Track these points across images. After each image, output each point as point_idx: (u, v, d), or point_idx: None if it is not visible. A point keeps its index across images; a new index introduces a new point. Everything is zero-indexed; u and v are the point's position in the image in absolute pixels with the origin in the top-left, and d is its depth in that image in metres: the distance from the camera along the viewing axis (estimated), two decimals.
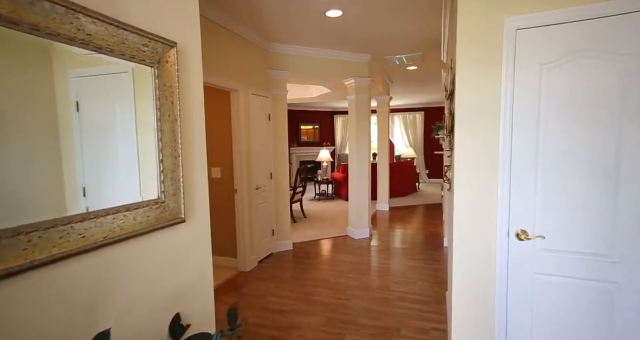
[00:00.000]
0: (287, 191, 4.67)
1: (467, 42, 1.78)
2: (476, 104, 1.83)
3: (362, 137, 5.07)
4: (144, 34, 1.14)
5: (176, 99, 1.32)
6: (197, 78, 1.53)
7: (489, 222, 1.84)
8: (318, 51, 4.57)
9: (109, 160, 1.12)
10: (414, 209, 7.27)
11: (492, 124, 1.80)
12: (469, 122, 1.87)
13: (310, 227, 5.76)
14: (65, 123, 0.97)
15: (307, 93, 7.22)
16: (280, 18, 3.43)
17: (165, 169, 1.28)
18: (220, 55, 3.43)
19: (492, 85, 1.77)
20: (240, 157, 3.81)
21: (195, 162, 1.51)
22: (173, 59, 1.29)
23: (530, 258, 1.71)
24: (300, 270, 3.92)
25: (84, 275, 1.01)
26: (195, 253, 1.50)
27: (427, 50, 4.75)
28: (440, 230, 5.53)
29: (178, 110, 1.33)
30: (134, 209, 1.14)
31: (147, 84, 1.22)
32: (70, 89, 1.02)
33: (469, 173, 1.88)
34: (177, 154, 1.33)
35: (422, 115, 11.40)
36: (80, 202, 1.00)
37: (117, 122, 1.16)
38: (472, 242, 1.88)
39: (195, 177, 1.51)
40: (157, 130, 1.25)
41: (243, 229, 3.88)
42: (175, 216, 1.33)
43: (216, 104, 3.93)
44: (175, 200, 1.33)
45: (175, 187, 1.32)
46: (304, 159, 11.57)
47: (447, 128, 2.25)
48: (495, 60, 1.74)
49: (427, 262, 4.08)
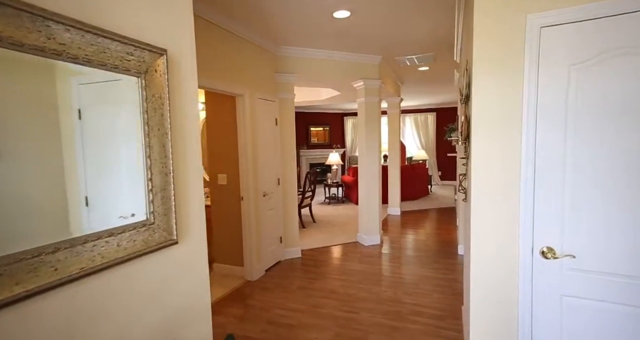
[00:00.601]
0: (295, 197, 4.55)
1: (485, 42, 1.63)
2: (495, 109, 1.68)
3: (372, 141, 4.92)
4: (128, 41, 1.04)
5: (166, 111, 1.21)
6: (191, 87, 1.42)
7: (511, 237, 1.68)
8: (326, 53, 4.45)
9: (101, 176, 1.02)
10: (426, 213, 7.07)
11: (513, 130, 1.65)
12: (487, 129, 1.72)
13: (320, 233, 5.63)
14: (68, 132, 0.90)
15: (316, 96, 7.11)
16: (286, 20, 3.33)
17: (155, 188, 1.18)
18: (225, 60, 3.34)
19: (513, 89, 1.62)
20: (246, 164, 3.71)
21: (189, 177, 1.40)
22: (162, 67, 1.18)
23: (558, 278, 1.55)
24: (308, 279, 3.80)
25: (53, 314, 0.90)
26: (190, 276, 1.40)
27: (439, 50, 4.58)
28: (455, 236, 5.33)
29: (169, 123, 1.22)
30: (118, 233, 1.04)
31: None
32: (72, 96, 0.96)
33: (487, 184, 1.73)
34: (167, 170, 1.23)
35: (434, 116, 11.17)
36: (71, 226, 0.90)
37: (109, 134, 1.06)
38: (491, 258, 1.73)
39: (189, 194, 1.40)
40: (145, 146, 1.14)
41: (249, 237, 3.78)
42: (167, 238, 1.22)
43: (222, 110, 3.84)
44: (166, 221, 1.22)
45: (166, 206, 1.22)
46: (314, 161, 11.46)
47: (463, 134, 2.10)
48: (516, 61, 1.59)
49: (442, 272, 3.90)
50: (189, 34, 1.38)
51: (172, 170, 1.24)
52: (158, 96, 1.18)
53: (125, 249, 1.05)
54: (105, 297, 1.03)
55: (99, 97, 1.04)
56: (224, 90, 3.35)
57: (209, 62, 3.12)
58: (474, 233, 1.78)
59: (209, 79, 3.10)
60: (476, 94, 1.72)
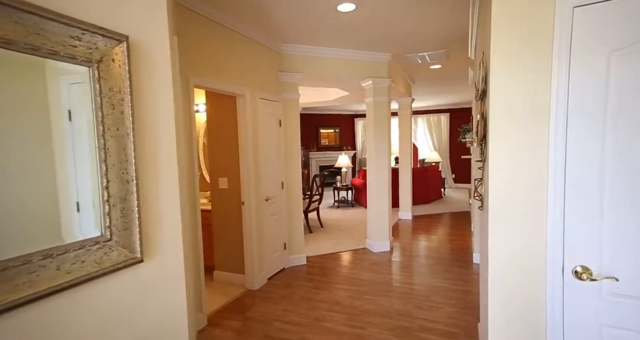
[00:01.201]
0: (300, 202, 4.36)
1: (505, 27, 1.41)
2: (517, 106, 1.46)
3: (381, 142, 4.69)
4: (71, 22, 0.87)
5: (128, 107, 1.04)
6: (164, 82, 1.25)
7: (536, 254, 1.45)
8: (332, 51, 4.26)
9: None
10: (439, 218, 6.78)
11: (538, 130, 1.42)
12: (507, 128, 1.49)
13: (327, 239, 5.42)
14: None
15: (324, 96, 6.92)
16: (288, 15, 3.15)
17: (113, 198, 1.00)
18: (224, 58, 3.18)
19: (538, 80, 1.39)
20: (248, 167, 3.54)
21: (161, 185, 1.22)
22: (122, 57, 1.01)
23: (596, 304, 1.31)
24: (313, 289, 3.59)
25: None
26: (161, 299, 1.21)
27: (452, 47, 4.33)
28: (470, 243, 5.05)
29: (131, 121, 1.05)
30: (58, 254, 0.86)
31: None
32: (62, 96, 0.90)
33: (507, 191, 1.51)
34: (129, 177, 1.05)
35: (447, 117, 10.85)
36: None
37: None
38: (513, 277, 1.50)
39: (161, 204, 1.22)
40: (99, 149, 0.97)
41: (251, 244, 3.60)
42: (128, 257, 1.04)
43: (223, 111, 3.69)
44: (127, 237, 1.04)
45: (127, 219, 1.04)
46: (324, 164, 11.26)
47: (478, 135, 1.88)
48: (542, 48, 1.36)
49: (455, 283, 3.65)
50: (161, 20, 1.21)
51: (135, 177, 1.06)
52: (117, 90, 1.01)
53: (68, 273, 0.87)
54: (40, 334, 0.85)
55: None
56: (223, 90, 3.19)
57: (206, 61, 2.97)
58: (492, 248, 1.55)
59: (206, 78, 2.95)
60: (494, 88, 1.50)
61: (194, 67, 2.81)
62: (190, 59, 2.78)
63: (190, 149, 2.79)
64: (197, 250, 2.84)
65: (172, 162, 1.28)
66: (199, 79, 2.86)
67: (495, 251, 1.54)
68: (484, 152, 1.84)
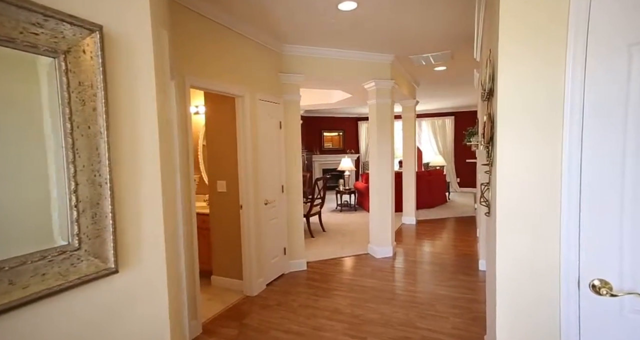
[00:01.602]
0: (301, 206, 4.26)
1: (516, 18, 1.31)
2: (527, 103, 1.35)
3: (383, 145, 4.59)
4: (31, 7, 0.78)
5: (101, 104, 0.95)
6: (147, 77, 1.16)
7: (549, 265, 1.33)
8: (333, 52, 4.17)
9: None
10: (444, 223, 6.64)
11: (551, 130, 1.32)
12: (516, 129, 1.39)
13: (328, 243, 5.31)
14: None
15: (327, 99, 6.84)
16: (288, 14, 3.07)
17: (83, 202, 0.91)
18: (223, 59, 3.11)
19: (551, 76, 1.29)
20: (246, 170, 3.45)
21: (141, 188, 1.13)
22: (94, 48, 0.92)
23: (617, 322, 1.19)
24: (313, 296, 3.48)
25: None
26: (139, 313, 1.12)
27: (457, 47, 4.23)
28: (475, 249, 4.91)
29: (105, 119, 0.96)
30: (13, 266, 0.77)
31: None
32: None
33: (517, 197, 1.40)
34: (103, 180, 0.96)
35: (452, 121, 10.72)
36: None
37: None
38: (523, 290, 1.38)
39: (141, 209, 1.13)
40: (65, 149, 0.88)
41: (249, 249, 3.50)
42: (99, 267, 0.95)
43: (221, 112, 3.61)
44: (99, 245, 0.95)
45: (99, 226, 0.95)
46: (327, 167, 11.18)
47: (485, 137, 1.77)
48: (556, 41, 1.25)
49: (460, 291, 3.51)
50: (141, 11, 1.12)
51: (109, 179, 0.97)
52: (88, 85, 0.92)
53: (24, 287, 0.78)
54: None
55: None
56: (222, 91, 3.11)
57: (204, 61, 2.89)
58: (500, 258, 1.43)
59: (204, 79, 2.87)
60: (503, 85, 1.40)
61: (190, 67, 2.73)
62: (187, 58, 2.71)
63: (186, 151, 2.70)
64: (192, 255, 2.75)
65: (154, 164, 1.19)
66: (196, 79, 2.78)
67: (503, 261, 1.43)
68: (491, 155, 1.73)
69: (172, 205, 1.59)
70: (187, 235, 2.65)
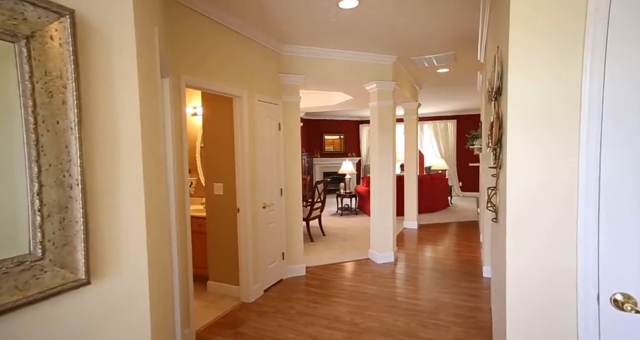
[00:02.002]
0: (300, 210, 4.16)
1: (527, 8, 1.21)
2: (540, 101, 1.25)
3: (385, 148, 4.49)
4: None
5: (72, 96, 0.85)
6: (128, 70, 1.07)
7: (565, 277, 1.23)
8: (334, 52, 4.09)
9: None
10: (446, 228, 6.52)
11: (566, 129, 1.22)
12: (528, 130, 1.29)
13: (328, 248, 5.20)
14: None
15: (328, 101, 6.75)
16: (288, 12, 2.99)
17: (48, 206, 0.82)
18: (221, 58, 3.02)
19: (566, 72, 1.19)
20: (243, 172, 3.36)
21: (120, 190, 1.04)
22: (64, 35, 0.83)
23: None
24: (311, 303, 3.37)
25: None
26: (115, 328, 1.02)
27: (460, 49, 4.15)
28: (478, 255, 4.79)
29: (76, 114, 0.86)
30: None
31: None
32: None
33: (528, 202, 1.30)
34: (73, 181, 0.86)
35: (454, 124, 10.62)
36: None
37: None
38: (535, 305, 1.28)
39: (120, 213, 1.03)
40: (28, 146, 0.78)
41: (246, 254, 3.40)
42: (67, 279, 0.85)
43: (219, 113, 3.53)
44: (67, 254, 0.85)
45: (68, 232, 0.85)
46: (328, 170, 11.09)
47: (493, 138, 1.67)
48: (571, 34, 1.16)
49: (464, 298, 3.40)
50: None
51: (81, 180, 0.88)
52: (57, 75, 0.83)
53: None
54: None
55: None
56: (219, 91, 3.02)
57: (201, 60, 2.81)
58: (511, 270, 1.33)
59: (201, 78, 2.78)
60: (514, 83, 1.30)
61: (186, 65, 2.65)
62: (183, 57, 2.62)
63: (180, 151, 2.61)
64: (186, 260, 2.65)
65: (136, 165, 1.09)
66: (192, 78, 2.69)
67: (514, 271, 1.32)
68: (500, 158, 1.63)
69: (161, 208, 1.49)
70: (181, 239, 2.56)
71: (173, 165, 2.41)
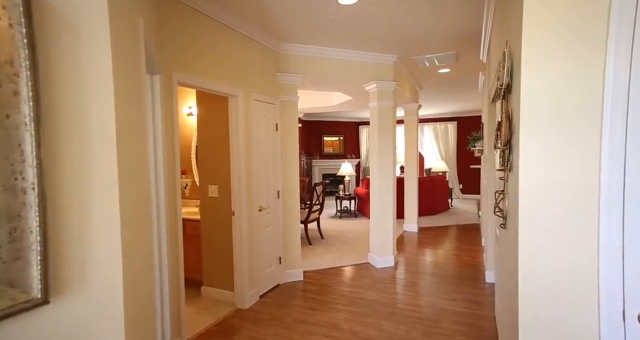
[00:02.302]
0: (298, 212, 4.04)
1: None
2: (557, 97, 1.14)
3: (385, 149, 4.38)
4: None
5: (26, 87, 0.74)
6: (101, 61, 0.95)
7: (585, 292, 1.12)
8: (334, 51, 3.98)
9: None
10: (446, 231, 6.41)
11: (586, 130, 1.11)
12: (543, 129, 1.18)
13: (327, 252, 5.08)
14: None
15: (327, 101, 6.65)
16: (286, 9, 2.88)
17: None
18: (216, 56, 2.91)
19: (587, 66, 1.08)
20: (239, 174, 3.24)
21: (89, 195, 0.92)
22: (14, 14, 0.72)
23: None
24: (309, 310, 3.25)
25: None
26: None
27: (462, 48, 4.04)
28: (480, 259, 4.67)
29: (32, 107, 0.75)
30: None
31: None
32: None
33: (543, 207, 1.19)
34: (28, 184, 0.75)
35: (454, 125, 10.52)
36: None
37: None
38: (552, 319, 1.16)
39: (89, 221, 0.92)
40: None
41: (241, 258, 3.28)
42: (17, 300, 0.74)
43: (214, 113, 3.41)
44: (18, 270, 0.74)
45: (19, 245, 0.74)
46: (328, 172, 10.98)
47: (502, 139, 1.56)
48: (594, 22, 1.05)
49: (466, 304, 3.28)
50: None
51: (37, 183, 0.76)
52: (6, 61, 0.71)
53: None
54: None
55: None
56: (213, 90, 2.91)
57: (195, 58, 2.69)
58: (524, 284, 1.21)
59: (194, 76, 2.67)
60: (527, 76, 1.19)
61: (179, 63, 2.54)
62: (176, 54, 2.51)
63: (172, 152, 2.49)
64: (176, 267, 2.53)
65: (108, 166, 0.98)
66: (185, 76, 2.58)
67: (528, 287, 1.21)
68: (509, 159, 1.52)
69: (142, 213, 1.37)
70: (172, 243, 2.44)
71: (163, 166, 2.30)
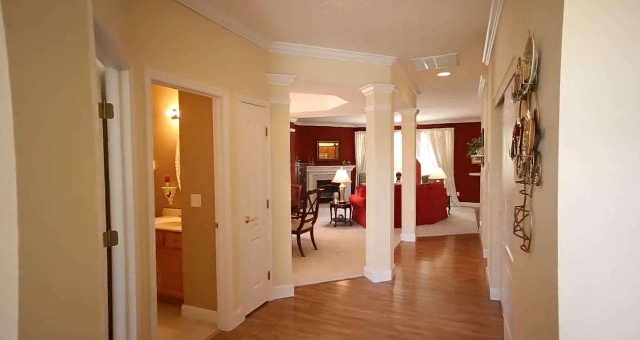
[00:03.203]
0: (289, 224, 3.76)
1: None
2: (609, 94, 0.89)
3: (382, 155, 4.13)
4: None
5: None
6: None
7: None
8: (329, 52, 3.75)
9: None
10: (445, 241, 6.15)
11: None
12: (588, 132, 0.93)
13: (321, 264, 4.79)
14: None
15: (322, 106, 6.40)
16: (277, 4, 2.64)
17: None
18: (198, 52, 2.65)
19: None
20: (223, 182, 2.96)
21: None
22: None
23: None
24: (299, 332, 2.95)
25: None
26: None
27: (463, 50, 3.83)
28: (483, 273, 4.41)
29: None
30: None
31: None
32: None
33: (593, 230, 0.93)
34: None
35: (452, 132, 10.34)
36: None
37: None
38: None
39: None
40: None
41: (225, 276, 2.98)
42: None
43: (198, 116, 3.14)
44: None
45: None
46: (322, 179, 10.70)
47: (528, 145, 1.30)
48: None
49: (471, 328, 3.00)
50: None
51: None
52: None
53: None
54: None
55: None
56: (194, 90, 2.64)
57: (173, 54, 2.43)
58: (565, 324, 0.95)
59: (171, 74, 2.41)
60: (569, 70, 0.94)
61: (153, 58, 2.27)
62: (149, 48, 2.24)
63: (144, 158, 2.21)
64: (148, 284, 2.22)
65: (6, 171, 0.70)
66: (161, 73, 2.31)
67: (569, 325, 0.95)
68: (537, 170, 1.27)
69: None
70: (142, 259, 2.14)
71: (132, 173, 2.02)
